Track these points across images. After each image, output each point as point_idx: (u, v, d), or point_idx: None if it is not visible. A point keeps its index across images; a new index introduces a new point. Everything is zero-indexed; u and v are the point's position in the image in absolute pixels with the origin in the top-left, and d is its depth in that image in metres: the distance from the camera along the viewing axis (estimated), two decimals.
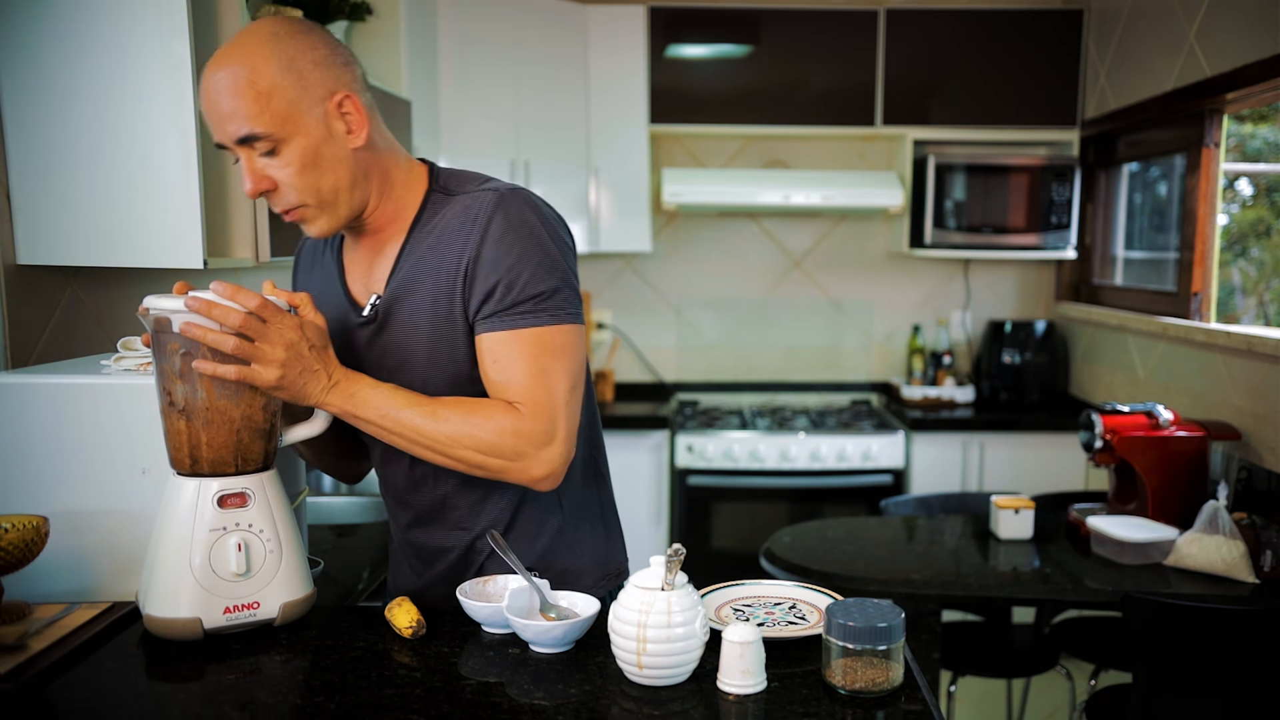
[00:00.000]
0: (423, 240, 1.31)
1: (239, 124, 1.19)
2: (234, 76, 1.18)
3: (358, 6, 2.63)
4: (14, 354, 1.69)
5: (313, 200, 1.25)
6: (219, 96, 1.19)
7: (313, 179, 1.23)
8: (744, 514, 3.57)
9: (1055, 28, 3.68)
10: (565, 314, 1.27)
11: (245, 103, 1.18)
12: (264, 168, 1.23)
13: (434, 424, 1.24)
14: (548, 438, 1.25)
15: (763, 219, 4.06)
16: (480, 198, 1.28)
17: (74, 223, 1.69)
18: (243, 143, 1.21)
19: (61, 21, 1.65)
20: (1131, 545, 2.25)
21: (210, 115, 1.22)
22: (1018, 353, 3.87)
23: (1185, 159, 3.15)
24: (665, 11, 3.67)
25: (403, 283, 1.31)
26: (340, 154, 1.25)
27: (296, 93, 1.20)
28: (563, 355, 1.26)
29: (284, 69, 1.19)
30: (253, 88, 1.18)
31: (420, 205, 1.33)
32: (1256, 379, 2.62)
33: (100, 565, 1.40)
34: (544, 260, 1.26)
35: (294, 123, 1.20)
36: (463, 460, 1.25)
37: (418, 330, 1.31)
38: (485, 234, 1.25)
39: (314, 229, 1.29)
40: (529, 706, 1.10)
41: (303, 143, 1.22)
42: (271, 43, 1.19)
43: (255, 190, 1.23)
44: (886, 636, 1.11)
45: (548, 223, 1.29)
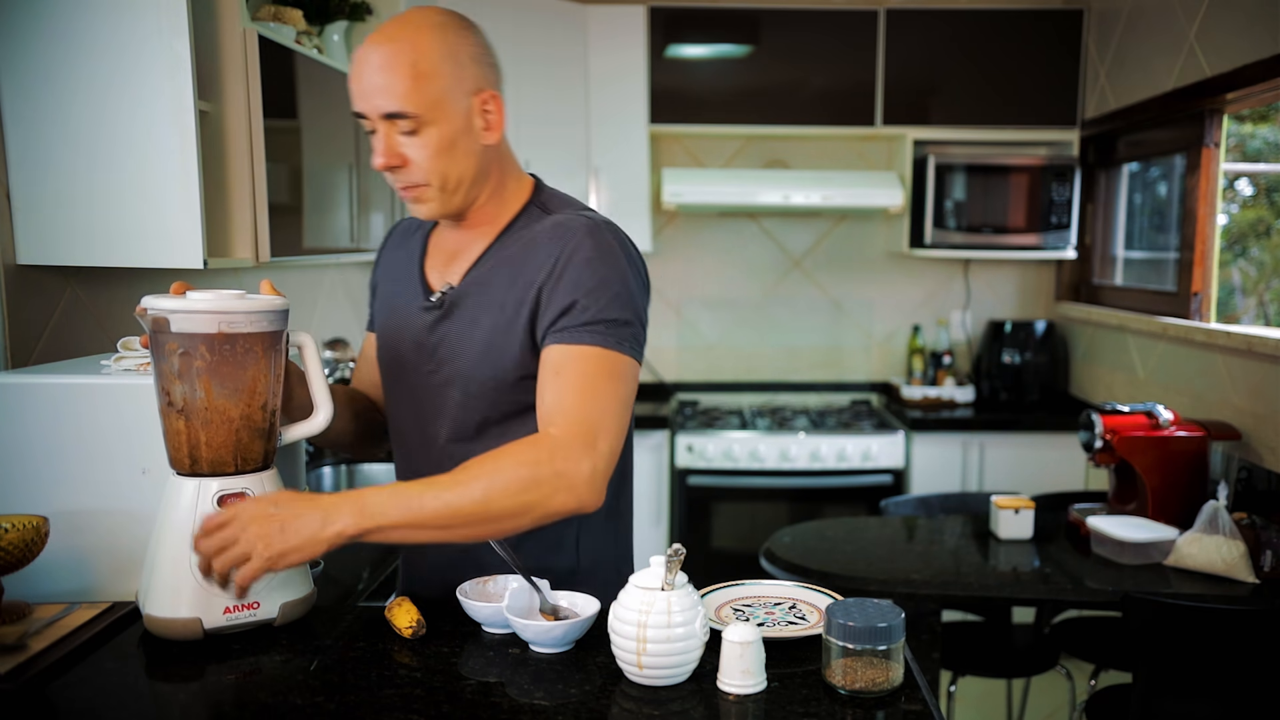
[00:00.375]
0: (508, 246, 1.34)
1: (390, 100, 1.23)
2: (397, 54, 1.23)
3: (358, 6, 2.62)
4: (14, 354, 1.69)
5: (436, 183, 1.29)
6: (375, 70, 1.24)
7: (443, 164, 1.28)
8: (744, 514, 3.57)
9: (1055, 28, 3.68)
10: (629, 347, 1.27)
11: (402, 80, 1.23)
12: (400, 145, 1.27)
13: (463, 491, 1.16)
14: (586, 451, 1.20)
15: (763, 219, 4.06)
16: (575, 220, 1.31)
17: (74, 223, 1.69)
18: (388, 117, 1.25)
19: (61, 21, 1.65)
20: (1131, 545, 2.25)
21: (360, 85, 1.26)
22: (1018, 353, 3.87)
23: (1185, 159, 3.15)
24: (665, 11, 3.67)
25: (477, 280, 1.34)
26: (473, 147, 1.30)
27: (451, 81, 1.26)
28: (617, 382, 1.25)
29: (445, 56, 1.25)
30: (414, 68, 1.23)
31: (516, 214, 1.37)
32: (1256, 379, 2.62)
33: (100, 565, 1.40)
34: (622, 292, 1.28)
35: (441, 108, 1.25)
36: (509, 511, 1.17)
37: (478, 327, 1.33)
38: (572, 255, 1.27)
39: (424, 210, 1.32)
40: (529, 706, 1.10)
41: (444, 129, 1.26)
42: (439, 30, 1.25)
43: (385, 164, 1.27)
44: (886, 636, 1.11)
45: (632, 260, 1.32)
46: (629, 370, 1.27)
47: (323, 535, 1.15)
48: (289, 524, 1.15)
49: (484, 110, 1.30)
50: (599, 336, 1.25)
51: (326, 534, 1.15)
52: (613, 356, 1.25)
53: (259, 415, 1.28)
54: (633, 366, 1.27)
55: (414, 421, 1.41)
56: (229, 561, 1.16)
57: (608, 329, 1.25)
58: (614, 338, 1.25)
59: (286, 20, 2.22)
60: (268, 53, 1.89)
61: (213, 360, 1.23)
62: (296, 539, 1.15)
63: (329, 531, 1.15)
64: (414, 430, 1.41)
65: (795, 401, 4.09)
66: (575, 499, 1.19)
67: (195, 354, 1.22)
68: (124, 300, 1.97)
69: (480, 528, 1.18)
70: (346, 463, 2.86)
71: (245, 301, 1.26)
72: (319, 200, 2.21)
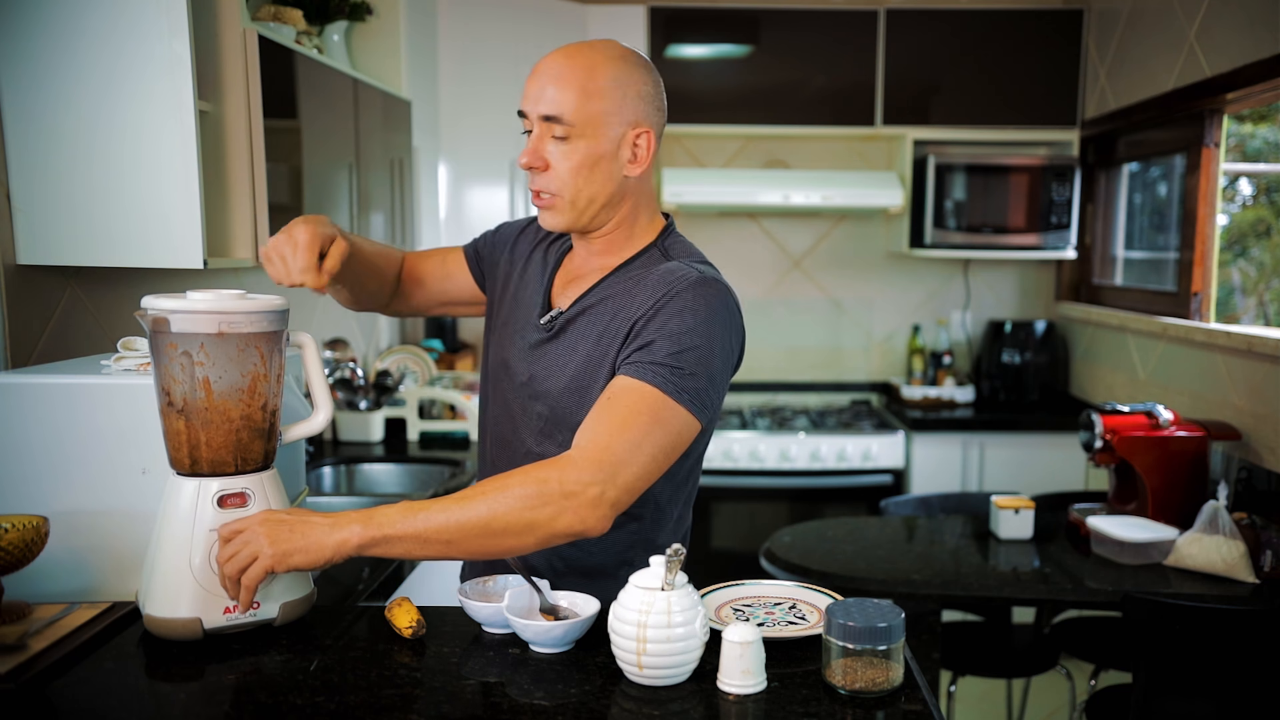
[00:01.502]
0: (621, 281, 1.37)
1: (554, 104, 1.29)
2: (574, 66, 1.30)
3: (358, 6, 2.62)
4: (14, 354, 1.69)
5: (568, 196, 1.33)
6: (550, 76, 1.30)
7: (581, 180, 1.32)
8: (744, 514, 3.57)
9: (1055, 28, 3.68)
10: (689, 399, 1.25)
11: (569, 91, 1.29)
12: (547, 149, 1.32)
13: (469, 506, 1.17)
14: (600, 477, 1.19)
15: (763, 219, 4.06)
16: (686, 271, 1.32)
17: (74, 223, 1.69)
18: (545, 120, 1.30)
19: (61, 21, 1.65)
20: (1131, 545, 2.25)
21: (533, 84, 1.32)
22: (1018, 353, 3.87)
23: (1185, 159, 3.15)
24: (665, 11, 3.67)
25: (584, 308, 1.37)
26: (614, 173, 1.34)
27: (613, 106, 1.31)
28: (658, 427, 1.23)
29: (615, 83, 1.31)
30: (584, 83, 1.30)
31: (638, 252, 1.40)
32: (1256, 379, 2.62)
33: (100, 565, 1.40)
34: (705, 347, 1.27)
35: (595, 127, 1.31)
36: (513, 528, 1.17)
37: (575, 355, 1.35)
38: (671, 300, 1.28)
39: (549, 219, 1.36)
40: (529, 706, 1.10)
41: (592, 146, 1.31)
42: (618, 60, 1.33)
43: (529, 164, 1.32)
44: (886, 636, 1.11)
45: (729, 325, 1.32)
46: (678, 420, 1.24)
47: (328, 541, 1.16)
48: (297, 527, 1.18)
49: (635, 143, 1.34)
50: (661, 378, 1.24)
51: (332, 540, 1.16)
52: (666, 401, 1.23)
53: (259, 415, 1.28)
54: (685, 418, 1.25)
55: (506, 424, 1.44)
56: (239, 563, 1.17)
57: (672, 374, 1.24)
58: (675, 385, 1.24)
59: (286, 20, 2.22)
60: (268, 53, 1.89)
61: (213, 360, 1.23)
62: (302, 540, 1.17)
63: (335, 538, 1.16)
64: (502, 430, 1.44)
65: (795, 401, 4.09)
66: (579, 520, 1.18)
67: (195, 354, 1.22)
68: (124, 300, 1.97)
69: (484, 542, 1.18)
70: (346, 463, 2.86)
71: (245, 301, 1.26)
72: (319, 200, 2.21)
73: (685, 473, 1.40)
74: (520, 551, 1.20)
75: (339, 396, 3.01)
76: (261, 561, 1.16)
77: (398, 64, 2.87)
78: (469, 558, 1.22)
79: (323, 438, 3.04)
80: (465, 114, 3.34)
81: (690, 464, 1.40)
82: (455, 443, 3.06)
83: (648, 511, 1.38)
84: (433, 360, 3.42)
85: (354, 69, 2.61)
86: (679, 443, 1.26)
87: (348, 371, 3.00)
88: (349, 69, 2.42)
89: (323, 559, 1.16)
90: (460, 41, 3.32)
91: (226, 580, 1.19)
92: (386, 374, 3.08)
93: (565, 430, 1.34)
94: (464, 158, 3.36)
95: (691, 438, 1.27)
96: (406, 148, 2.83)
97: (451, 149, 3.32)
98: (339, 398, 3.01)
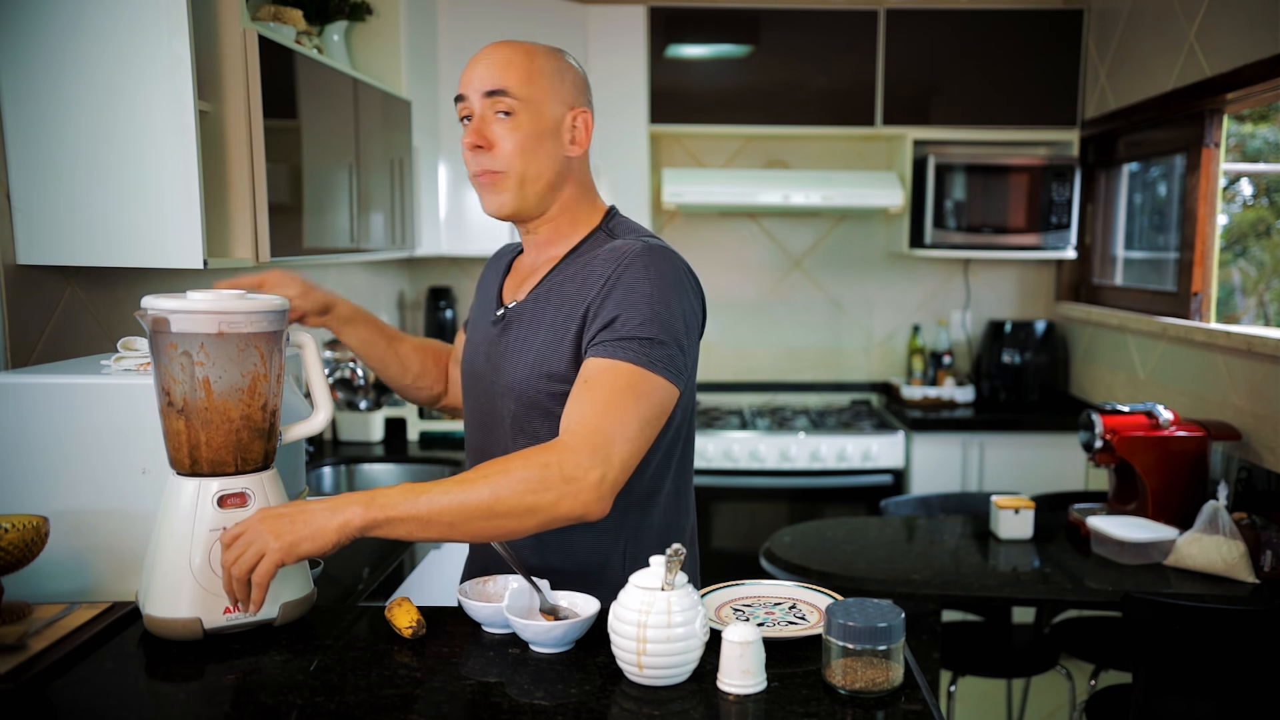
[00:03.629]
0: (570, 267, 1.39)
1: (499, 77, 1.33)
2: (515, 49, 1.36)
3: (358, 6, 2.63)
4: (14, 354, 1.69)
5: (514, 173, 1.35)
6: (491, 58, 1.35)
7: (526, 157, 1.35)
8: (744, 514, 3.57)
9: (1055, 28, 3.68)
10: (663, 367, 1.27)
11: (514, 69, 1.34)
12: (491, 127, 1.34)
13: (472, 489, 1.18)
14: (597, 460, 1.20)
15: (763, 219, 4.06)
16: (632, 245, 1.34)
17: (74, 223, 1.69)
18: (490, 95, 1.34)
19: (61, 21, 1.65)
20: (1131, 545, 2.25)
21: (473, 68, 1.36)
22: (1018, 353, 3.87)
23: (1185, 159, 3.15)
24: (665, 11, 3.67)
25: (538, 296, 1.39)
26: (556, 151, 1.37)
27: (552, 86, 1.36)
28: (641, 399, 1.25)
29: (553, 70, 1.37)
30: (527, 63, 1.35)
31: (584, 237, 1.42)
32: (1256, 379, 2.62)
33: (100, 565, 1.40)
34: (664, 313, 1.28)
35: (537, 104, 1.35)
36: (515, 510, 1.18)
37: (532, 341, 1.36)
38: (623, 274, 1.30)
39: (494, 200, 1.38)
40: (529, 706, 1.10)
41: (536, 121, 1.35)
42: (552, 53, 1.39)
43: (474, 143, 1.35)
44: (886, 636, 1.11)
45: (683, 287, 1.33)
46: (658, 389, 1.27)
47: (331, 524, 1.17)
48: (297, 517, 1.18)
49: (574, 125, 1.38)
50: (632, 353, 1.26)
51: (334, 523, 1.17)
52: (642, 374, 1.25)
53: (259, 415, 1.28)
54: (663, 386, 1.27)
55: (481, 431, 1.46)
56: (246, 563, 1.17)
57: (642, 346, 1.26)
58: (647, 356, 1.26)
59: (286, 20, 2.22)
60: (268, 53, 1.89)
61: (213, 360, 1.23)
62: (306, 529, 1.17)
63: (337, 520, 1.17)
64: (480, 438, 1.46)
65: (795, 401, 4.09)
66: (581, 505, 1.20)
67: (195, 354, 1.22)
68: (124, 300, 1.97)
69: (486, 524, 1.19)
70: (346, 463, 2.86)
71: (245, 301, 1.26)
72: (319, 200, 2.21)
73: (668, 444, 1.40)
74: (520, 534, 1.22)
75: (339, 396, 3.01)
76: (270, 557, 1.16)
77: (398, 64, 2.87)
78: (470, 539, 1.23)
79: (323, 438, 3.04)
80: None
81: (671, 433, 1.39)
82: (455, 443, 3.06)
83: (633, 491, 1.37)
84: None
85: (354, 69, 2.61)
86: (662, 412, 1.28)
87: (348, 371, 3.00)
88: (349, 69, 2.42)
89: (329, 543, 1.17)
90: (460, 41, 3.32)
91: (235, 584, 1.19)
92: None
93: (535, 420, 1.35)
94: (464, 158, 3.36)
95: (672, 404, 1.30)
96: (406, 148, 2.83)
97: (451, 149, 3.32)
98: (339, 398, 3.01)
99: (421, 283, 3.99)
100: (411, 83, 2.94)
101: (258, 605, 1.19)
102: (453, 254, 3.44)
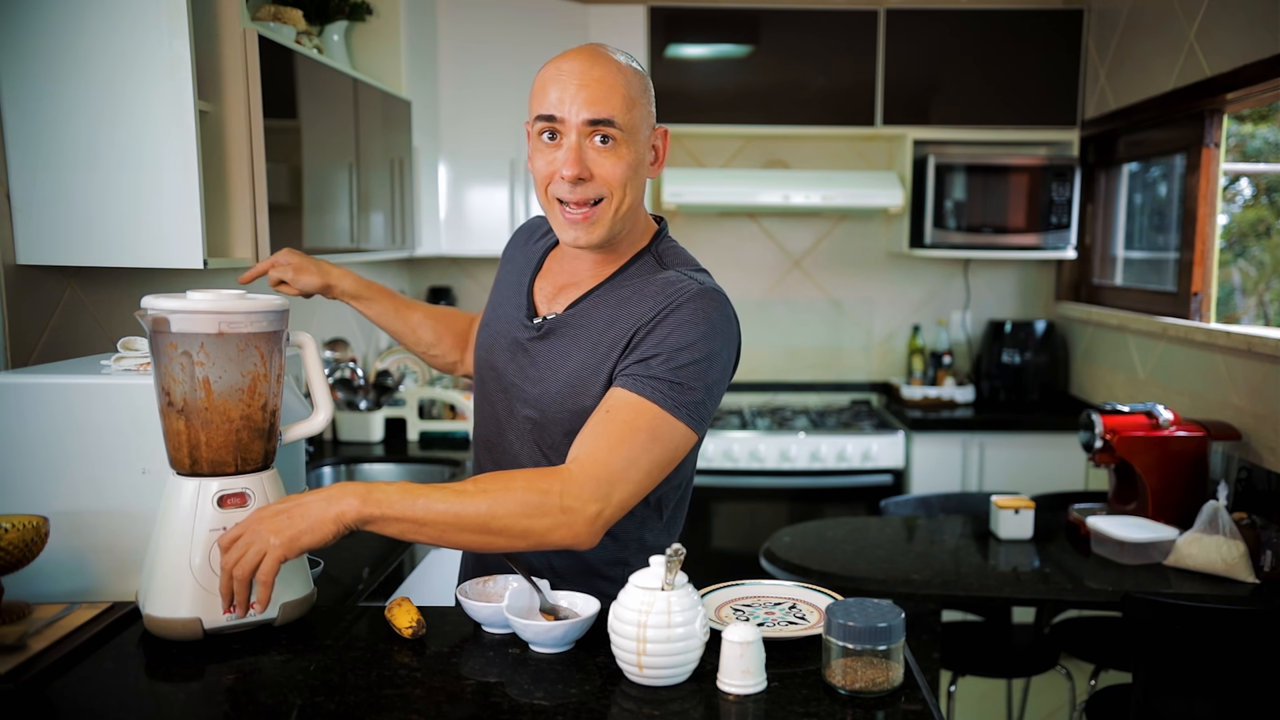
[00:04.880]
0: (617, 289, 1.35)
1: (603, 106, 1.26)
2: (611, 74, 1.28)
3: (358, 6, 2.63)
4: (14, 354, 1.69)
5: (613, 206, 1.30)
6: (592, 80, 1.27)
7: (627, 184, 1.30)
8: (744, 514, 3.57)
9: (1055, 28, 3.68)
10: (688, 414, 1.25)
11: (617, 95, 1.27)
12: (591, 156, 1.28)
13: (471, 501, 1.18)
14: (597, 496, 1.20)
15: (763, 219, 4.06)
16: (686, 284, 1.31)
17: (74, 223, 1.69)
18: (594, 124, 1.27)
19: (61, 21, 1.65)
20: (1131, 545, 2.25)
21: (567, 88, 1.27)
22: (1018, 353, 3.87)
23: (1185, 159, 3.15)
24: (665, 11, 3.67)
25: (579, 314, 1.36)
26: (644, 175, 1.34)
27: (644, 112, 1.32)
28: (657, 444, 1.24)
29: (642, 89, 1.32)
30: (625, 87, 1.28)
31: (632, 257, 1.38)
32: (1256, 379, 2.62)
33: (100, 565, 1.40)
34: (704, 361, 1.27)
35: (637, 133, 1.31)
36: (509, 531, 1.18)
37: (568, 360, 1.34)
38: (671, 312, 1.28)
39: (591, 233, 1.31)
40: (529, 706, 1.10)
41: (636, 150, 1.31)
42: (633, 65, 1.32)
43: (575, 174, 1.27)
44: (886, 636, 1.11)
45: (728, 336, 1.32)
46: (675, 435, 1.25)
47: (328, 514, 1.16)
48: (294, 512, 1.18)
49: (654, 145, 1.36)
50: (660, 394, 1.24)
51: (331, 513, 1.16)
52: (664, 417, 1.24)
53: (259, 415, 1.28)
54: (683, 432, 1.26)
55: (493, 426, 1.44)
56: (249, 564, 1.17)
57: (672, 389, 1.24)
58: (674, 400, 1.24)
59: (286, 20, 2.22)
60: (268, 53, 1.89)
61: (213, 360, 1.23)
62: (304, 522, 1.16)
63: (333, 511, 1.17)
64: (491, 430, 1.45)
65: (795, 401, 4.09)
66: (572, 536, 1.20)
67: (195, 354, 1.22)
68: (124, 300, 1.97)
69: (477, 537, 1.19)
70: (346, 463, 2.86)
71: (245, 301, 1.26)
72: (319, 200, 2.21)
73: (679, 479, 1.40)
74: (507, 550, 1.22)
75: (339, 396, 3.01)
76: (273, 553, 1.16)
77: (398, 64, 2.87)
78: (457, 548, 1.24)
79: (323, 438, 3.04)
80: (465, 114, 3.34)
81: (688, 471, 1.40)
82: (455, 443, 3.06)
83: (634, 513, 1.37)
84: None
85: (354, 69, 2.61)
86: (675, 457, 1.27)
87: (348, 371, 3.00)
88: (349, 69, 2.42)
89: (329, 534, 1.17)
90: (460, 41, 3.32)
91: (238, 585, 1.18)
92: (386, 374, 3.09)
93: (552, 435, 1.34)
94: (464, 158, 3.36)
95: (687, 450, 1.29)
96: (406, 148, 2.83)
97: (451, 149, 3.32)
98: (339, 398, 3.01)
99: (421, 283, 3.99)
100: (411, 83, 2.94)
101: (264, 604, 1.19)
102: (453, 254, 3.44)
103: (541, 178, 1.31)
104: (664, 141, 1.37)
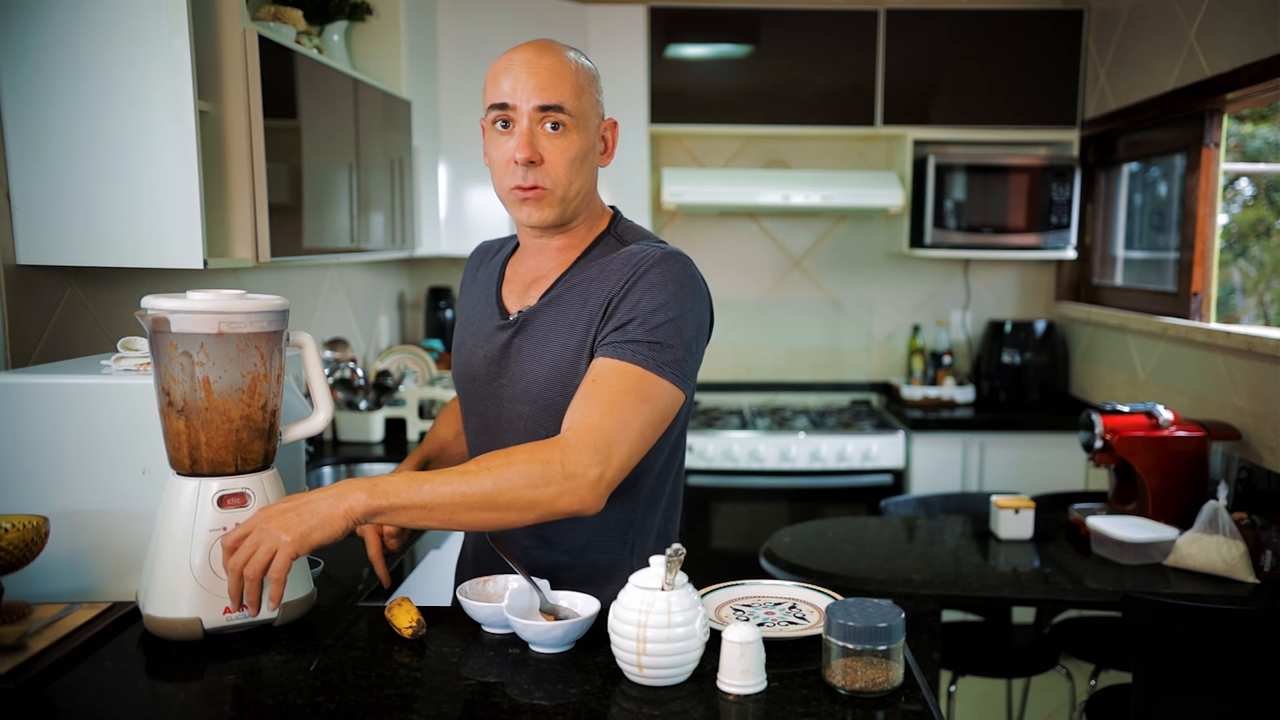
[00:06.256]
0: (584, 270, 1.39)
1: (552, 92, 1.32)
2: (561, 63, 1.34)
3: (358, 6, 2.63)
4: (14, 354, 1.69)
5: (560, 189, 1.35)
6: (541, 68, 1.32)
7: (572, 172, 1.35)
8: (744, 514, 3.57)
9: (1055, 28, 3.68)
10: (670, 371, 1.28)
11: (566, 82, 1.33)
12: (542, 141, 1.33)
13: (475, 480, 1.19)
14: (597, 458, 1.22)
15: (763, 219, 4.06)
16: (649, 250, 1.36)
17: (74, 223, 1.69)
18: (544, 110, 1.32)
19: (61, 21, 1.65)
20: (1131, 545, 2.25)
21: (519, 76, 1.32)
22: (1018, 353, 3.87)
23: (1185, 159, 3.15)
24: (665, 11, 3.67)
25: (552, 300, 1.39)
26: (594, 164, 1.40)
27: (593, 101, 1.38)
28: (645, 402, 1.26)
29: (590, 80, 1.38)
30: (575, 76, 1.34)
31: (593, 241, 1.43)
32: (1256, 379, 2.62)
33: (100, 565, 1.40)
34: (677, 319, 1.30)
35: (585, 120, 1.36)
36: (516, 504, 1.20)
37: (549, 345, 1.36)
38: (640, 278, 1.31)
39: (539, 213, 1.36)
40: (529, 706, 1.10)
41: (584, 137, 1.36)
42: (582, 58, 1.38)
43: (527, 156, 1.32)
44: (886, 636, 1.11)
45: (698, 294, 1.35)
46: (663, 393, 1.28)
47: (337, 510, 1.17)
48: (303, 509, 1.18)
49: (603, 135, 1.41)
50: (640, 356, 1.27)
51: (340, 509, 1.17)
52: (649, 378, 1.27)
53: (259, 415, 1.28)
54: (669, 390, 1.28)
55: (486, 436, 1.45)
56: (260, 562, 1.16)
57: (651, 350, 1.27)
58: (655, 360, 1.27)
59: (286, 20, 2.22)
60: (268, 53, 1.89)
61: (213, 360, 1.23)
62: (314, 518, 1.17)
63: (342, 506, 1.17)
64: (485, 441, 1.45)
65: (795, 401, 4.09)
66: (578, 501, 1.22)
67: (195, 354, 1.22)
68: (124, 300, 1.97)
69: (485, 514, 1.20)
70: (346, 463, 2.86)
71: (245, 301, 1.26)
72: (319, 200, 2.21)
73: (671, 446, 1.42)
74: (518, 525, 1.23)
75: (339, 396, 3.01)
76: (284, 550, 1.16)
77: (398, 64, 2.87)
78: (468, 528, 1.25)
79: (323, 438, 3.04)
80: (465, 114, 3.34)
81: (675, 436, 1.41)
82: None
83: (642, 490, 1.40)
84: (433, 360, 3.42)
85: (354, 69, 2.61)
86: (666, 415, 1.29)
87: (348, 371, 3.00)
88: (349, 69, 2.42)
89: (339, 529, 1.17)
90: (460, 41, 3.32)
91: (248, 584, 1.17)
92: (386, 374, 3.08)
93: (551, 423, 1.35)
94: (464, 158, 3.36)
95: (676, 408, 1.31)
96: (406, 148, 2.83)
97: (451, 149, 3.32)
98: (339, 398, 3.01)
99: (421, 283, 3.99)
100: (411, 83, 2.94)
101: (276, 601, 1.19)
102: (453, 254, 3.44)
103: (498, 167, 1.36)
104: (613, 133, 1.42)
